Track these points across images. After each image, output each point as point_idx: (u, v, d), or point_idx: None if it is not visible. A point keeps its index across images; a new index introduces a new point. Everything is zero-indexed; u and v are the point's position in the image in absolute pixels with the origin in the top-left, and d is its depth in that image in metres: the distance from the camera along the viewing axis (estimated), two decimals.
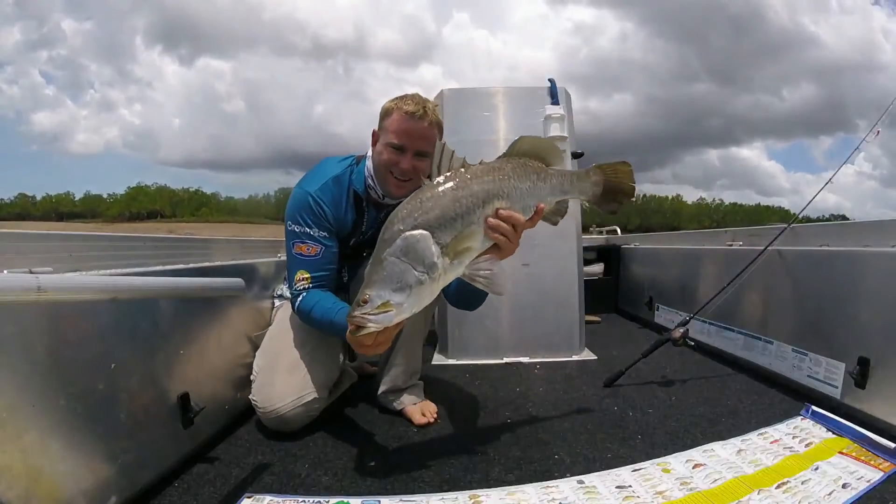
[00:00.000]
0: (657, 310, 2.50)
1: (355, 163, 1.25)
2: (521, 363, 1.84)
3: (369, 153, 1.22)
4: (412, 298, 0.78)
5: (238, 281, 1.18)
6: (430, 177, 0.84)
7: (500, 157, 0.90)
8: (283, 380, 1.17)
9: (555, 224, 0.99)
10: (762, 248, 1.61)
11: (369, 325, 0.77)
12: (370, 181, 1.21)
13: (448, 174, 0.83)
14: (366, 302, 0.77)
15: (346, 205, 1.22)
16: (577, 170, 1.00)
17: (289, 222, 1.18)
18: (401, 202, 0.83)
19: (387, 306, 0.77)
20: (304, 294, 1.14)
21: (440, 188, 0.81)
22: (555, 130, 1.96)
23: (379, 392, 1.33)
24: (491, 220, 0.83)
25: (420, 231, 0.78)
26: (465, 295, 1.16)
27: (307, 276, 1.15)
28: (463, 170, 0.84)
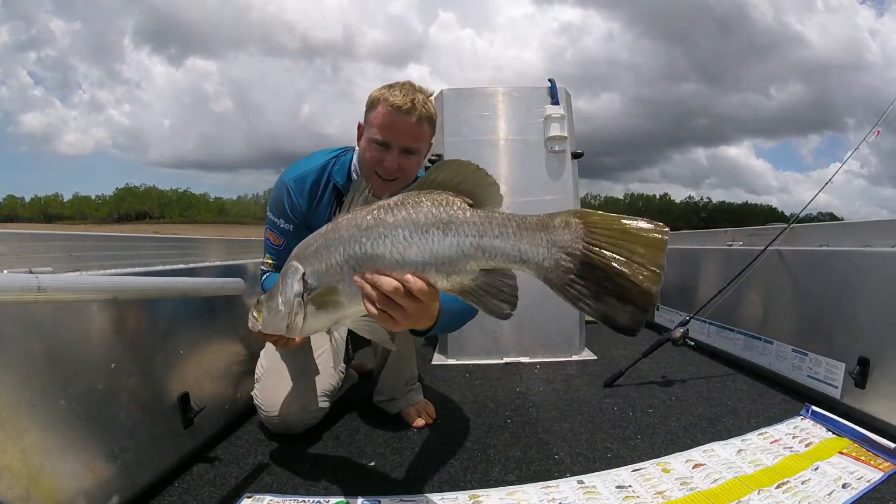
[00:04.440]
0: (657, 310, 2.50)
1: (342, 153, 1.19)
2: (521, 363, 1.84)
3: (357, 146, 1.14)
4: (271, 321, 0.73)
5: (238, 281, 1.18)
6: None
7: (412, 185, 0.65)
8: (288, 386, 1.16)
9: (502, 315, 0.61)
10: (762, 248, 1.61)
11: (249, 318, 0.77)
12: (354, 175, 1.14)
13: (348, 212, 0.67)
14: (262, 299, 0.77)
15: (325, 197, 1.15)
16: (531, 215, 0.60)
17: (267, 209, 1.21)
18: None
19: (258, 312, 0.75)
20: (269, 275, 1.18)
21: (328, 224, 0.68)
22: (555, 130, 1.96)
23: (375, 399, 1.32)
24: (357, 279, 0.63)
25: (295, 263, 0.69)
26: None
27: (270, 262, 1.19)
28: (361, 208, 0.66)
